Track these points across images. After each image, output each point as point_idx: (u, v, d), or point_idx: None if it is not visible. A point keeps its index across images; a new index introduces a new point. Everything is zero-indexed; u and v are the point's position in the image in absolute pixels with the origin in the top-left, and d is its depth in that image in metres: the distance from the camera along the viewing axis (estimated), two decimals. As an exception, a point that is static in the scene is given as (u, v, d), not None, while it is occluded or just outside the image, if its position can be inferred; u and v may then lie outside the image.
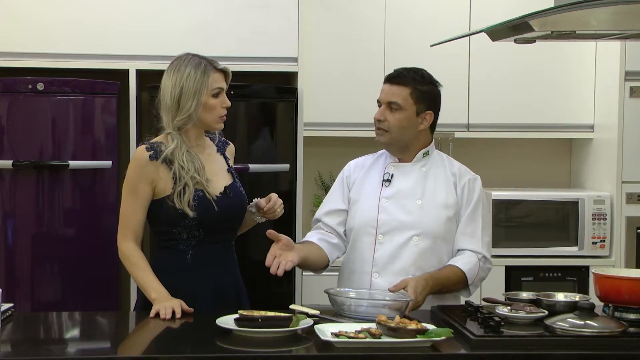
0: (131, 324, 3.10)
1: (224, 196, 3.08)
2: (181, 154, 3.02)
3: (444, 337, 2.52)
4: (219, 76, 3.09)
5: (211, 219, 3.03)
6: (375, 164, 3.34)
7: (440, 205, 3.21)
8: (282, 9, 4.54)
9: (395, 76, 3.27)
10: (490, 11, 4.61)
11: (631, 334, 2.65)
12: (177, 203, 2.98)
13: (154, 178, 3.01)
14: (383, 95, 3.26)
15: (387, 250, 3.17)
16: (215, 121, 3.09)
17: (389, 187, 3.24)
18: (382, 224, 3.20)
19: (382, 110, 3.24)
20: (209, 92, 3.05)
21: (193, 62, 3.06)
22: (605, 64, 4.74)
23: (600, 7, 2.77)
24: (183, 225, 3.02)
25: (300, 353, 2.54)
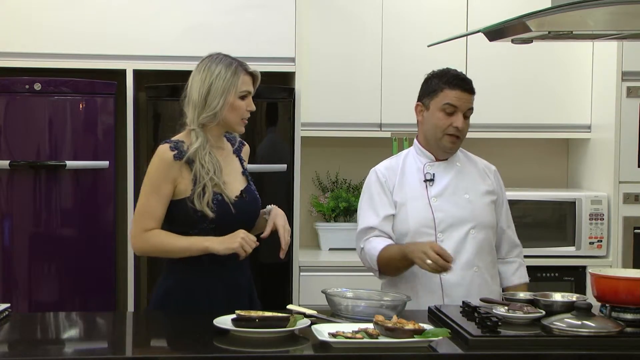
0: (128, 324, 3.10)
1: (240, 200, 3.08)
2: (204, 154, 3.02)
3: (441, 337, 2.52)
4: (248, 79, 3.10)
5: (228, 223, 3.02)
6: (405, 165, 3.34)
7: (484, 195, 3.30)
8: (280, 9, 4.54)
9: (469, 83, 3.28)
10: (487, 12, 4.61)
11: (628, 334, 2.66)
12: (197, 204, 2.98)
13: (176, 178, 3.01)
14: (462, 103, 3.25)
15: (449, 247, 3.18)
16: (237, 123, 3.09)
17: (434, 186, 3.27)
18: (440, 222, 3.23)
19: (462, 119, 3.24)
20: (236, 93, 3.05)
21: (225, 62, 3.07)
22: (602, 65, 4.74)
23: (598, 8, 2.77)
24: (201, 228, 3.01)
25: (298, 353, 2.54)
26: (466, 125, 3.27)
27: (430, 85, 3.32)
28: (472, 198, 3.28)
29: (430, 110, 3.28)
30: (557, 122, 4.89)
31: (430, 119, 3.28)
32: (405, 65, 4.81)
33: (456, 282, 3.16)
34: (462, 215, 3.24)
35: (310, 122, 4.71)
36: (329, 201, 4.96)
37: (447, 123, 3.24)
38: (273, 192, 4.52)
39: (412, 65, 4.81)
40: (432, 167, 3.31)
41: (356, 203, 4.91)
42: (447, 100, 3.23)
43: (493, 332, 2.60)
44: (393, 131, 4.85)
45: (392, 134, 4.87)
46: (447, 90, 3.24)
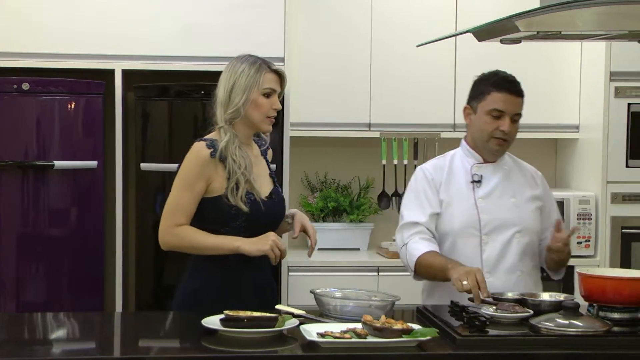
0: (116, 325, 3.09)
1: (270, 200, 3.11)
2: (234, 148, 3.05)
3: (429, 337, 2.52)
4: (273, 77, 3.11)
5: (259, 223, 3.05)
6: (452, 165, 3.32)
7: (529, 200, 3.28)
8: (269, 10, 4.53)
9: (517, 86, 3.25)
10: (476, 12, 4.62)
11: (615, 333, 2.67)
12: (231, 199, 3.00)
13: (211, 176, 3.03)
14: (510, 107, 3.21)
15: (494, 249, 3.19)
16: (262, 120, 3.11)
17: (481, 188, 3.25)
18: (485, 225, 3.22)
19: (509, 123, 3.21)
20: (259, 90, 3.07)
21: (249, 60, 3.11)
22: (591, 65, 4.76)
23: (586, 8, 2.78)
24: (232, 226, 3.03)
25: (286, 353, 2.54)
26: (514, 129, 3.22)
27: (478, 88, 3.28)
28: (518, 202, 3.25)
29: (478, 114, 3.25)
30: (546, 122, 4.90)
31: (477, 122, 3.25)
32: (395, 66, 4.81)
33: (500, 286, 3.11)
34: (507, 218, 3.22)
35: (299, 122, 4.71)
36: (318, 201, 4.96)
37: (494, 127, 3.20)
38: (262, 192, 4.51)
39: (401, 66, 4.83)
40: (480, 169, 3.28)
41: (345, 203, 4.94)
42: (493, 105, 3.19)
43: (481, 332, 2.61)
44: (382, 131, 4.86)
45: (381, 134, 4.87)
46: (494, 93, 3.21)
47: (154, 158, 4.46)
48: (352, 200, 5.02)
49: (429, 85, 4.85)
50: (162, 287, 4.50)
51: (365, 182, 5.08)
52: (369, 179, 5.09)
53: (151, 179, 4.48)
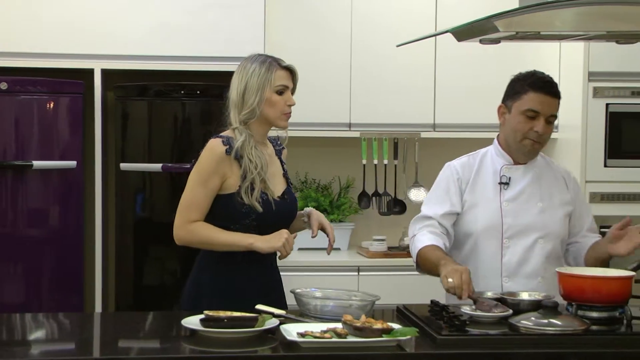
0: (95, 325, 3.08)
1: (282, 200, 3.12)
2: (250, 148, 3.06)
3: (409, 337, 2.53)
4: (284, 74, 3.13)
5: (270, 222, 3.06)
6: (482, 165, 3.30)
7: (558, 206, 3.23)
8: (249, 9, 4.53)
9: (554, 87, 3.19)
10: (456, 13, 4.63)
11: (594, 332, 2.68)
12: (246, 199, 3.01)
13: (226, 172, 3.04)
14: (545, 109, 3.16)
15: (515, 254, 3.17)
16: (278, 117, 3.12)
17: (508, 190, 3.22)
18: (508, 228, 3.19)
19: (543, 124, 3.16)
20: (272, 88, 3.09)
21: (259, 60, 3.13)
22: (569, 65, 4.78)
23: (564, 8, 2.80)
24: (243, 223, 3.04)
25: (266, 353, 2.54)
26: (549, 130, 3.18)
27: (513, 88, 3.24)
28: (545, 207, 3.21)
29: (512, 113, 3.22)
30: (525, 122, 4.92)
31: (511, 121, 3.22)
32: (375, 66, 4.82)
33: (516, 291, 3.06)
34: (531, 223, 3.19)
35: (279, 122, 4.70)
36: (298, 201, 4.95)
37: (528, 127, 3.17)
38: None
39: (382, 66, 4.83)
40: (510, 171, 3.25)
41: (325, 203, 4.94)
42: (529, 105, 3.16)
43: (461, 331, 2.61)
44: (362, 131, 4.86)
45: (361, 134, 4.88)
46: (530, 92, 3.17)
47: (133, 158, 4.45)
48: (333, 200, 5.02)
49: (409, 85, 4.86)
50: (142, 288, 4.49)
51: (346, 182, 5.09)
52: (349, 179, 5.09)
53: (131, 178, 4.47)
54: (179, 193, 4.48)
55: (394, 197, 5.04)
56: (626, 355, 2.58)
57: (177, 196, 4.48)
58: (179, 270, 4.52)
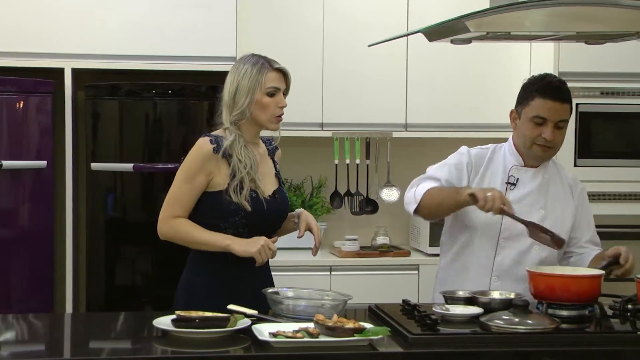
0: (66, 326, 3.06)
1: (273, 199, 3.12)
2: (239, 148, 3.06)
3: (381, 336, 2.53)
4: (275, 75, 3.12)
5: (260, 220, 3.07)
6: (493, 159, 3.26)
7: (560, 215, 3.21)
8: (221, 8, 4.52)
9: (562, 93, 3.15)
10: (427, 12, 4.65)
11: (564, 330, 2.71)
12: (234, 197, 3.02)
13: (213, 171, 3.05)
14: (554, 115, 3.13)
15: (509, 255, 3.15)
16: (269, 120, 3.12)
17: (514, 191, 3.19)
18: (506, 229, 3.18)
19: (552, 130, 3.13)
20: (262, 90, 3.09)
21: (251, 61, 3.13)
22: (540, 65, 4.81)
23: (534, 9, 2.82)
24: (232, 221, 3.04)
25: (238, 353, 2.53)
26: (559, 135, 3.16)
27: (524, 93, 3.21)
28: (547, 214, 3.19)
29: (522, 120, 3.19)
30: (497, 121, 4.93)
31: (521, 128, 3.20)
32: (347, 65, 4.83)
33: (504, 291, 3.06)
34: None
35: (251, 122, 4.69)
36: (271, 201, 4.95)
37: (536, 134, 3.14)
38: (214, 191, 4.50)
39: (354, 65, 4.84)
40: (519, 172, 3.22)
41: (297, 202, 4.93)
42: (536, 112, 3.13)
43: (432, 330, 2.63)
44: (334, 131, 4.87)
45: (333, 134, 4.88)
46: (538, 99, 3.14)
47: (104, 157, 4.42)
48: (305, 199, 5.02)
49: (381, 85, 4.87)
50: (113, 288, 4.46)
51: (318, 182, 5.09)
52: (322, 179, 5.09)
53: (102, 178, 4.45)
54: (151, 193, 4.52)
55: (366, 197, 5.05)
56: (595, 353, 2.60)
57: (148, 196, 4.52)
58: (151, 270, 4.50)
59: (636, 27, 2.91)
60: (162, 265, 4.48)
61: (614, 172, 4.71)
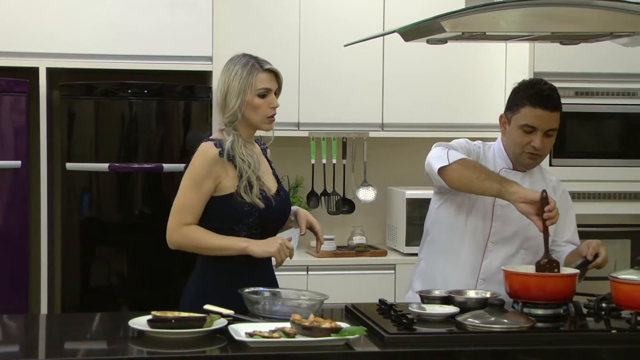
0: (41, 327, 3.04)
1: (279, 197, 3.13)
2: (240, 147, 3.06)
3: (357, 335, 2.54)
4: (266, 76, 3.11)
5: (271, 218, 3.08)
6: (485, 158, 3.24)
7: None
8: (197, 8, 4.50)
9: (552, 102, 3.12)
10: (403, 12, 4.66)
11: (539, 329, 2.72)
12: (247, 197, 3.01)
13: (220, 175, 3.03)
14: (543, 123, 3.10)
15: (496, 259, 3.14)
16: (262, 121, 3.12)
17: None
18: (495, 233, 3.17)
19: (541, 138, 3.11)
20: (253, 91, 3.08)
21: (242, 62, 3.11)
22: (515, 65, 4.84)
23: (510, 9, 2.84)
24: (246, 222, 3.03)
25: (215, 353, 2.53)
26: (548, 143, 3.13)
27: (513, 99, 3.18)
28: None
29: (511, 126, 3.17)
30: (473, 121, 4.97)
31: (510, 134, 3.17)
32: (323, 65, 4.83)
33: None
34: (518, 233, 3.16)
35: (227, 122, 4.68)
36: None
37: (525, 141, 3.12)
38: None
39: (330, 65, 4.84)
40: (508, 174, 3.18)
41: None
42: (526, 120, 3.11)
43: (408, 330, 2.63)
44: (311, 130, 4.87)
45: (309, 134, 4.88)
46: (528, 107, 3.11)
47: (80, 157, 4.40)
48: (281, 199, 5.01)
49: (357, 85, 4.88)
50: (89, 289, 4.44)
51: (295, 182, 5.09)
52: (298, 178, 5.09)
53: (77, 178, 4.42)
54: (126, 193, 4.50)
55: (342, 197, 5.05)
56: (570, 352, 2.62)
57: (124, 196, 4.51)
58: (126, 270, 4.48)
59: (610, 28, 2.93)
60: (138, 265, 4.47)
61: (588, 171, 4.75)
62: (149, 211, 4.48)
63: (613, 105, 4.77)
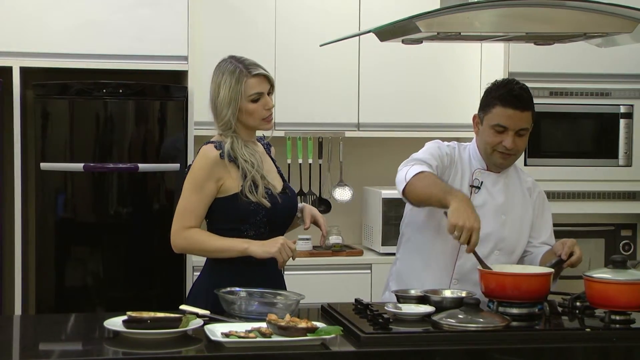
0: (15, 328, 3.02)
1: (284, 195, 3.13)
2: (240, 147, 3.05)
3: (333, 335, 2.54)
4: (256, 81, 3.08)
5: (278, 216, 3.07)
6: (461, 159, 3.23)
7: (519, 220, 3.21)
8: (172, 8, 4.49)
9: (522, 102, 3.12)
10: (379, 13, 4.67)
11: (514, 328, 2.73)
12: (252, 197, 3.00)
13: (222, 176, 3.02)
14: (515, 123, 3.11)
15: (470, 260, 3.11)
16: (259, 124, 3.12)
17: (478, 195, 3.18)
18: None
19: (513, 138, 3.11)
20: (245, 99, 3.06)
21: (229, 69, 3.08)
22: (490, 65, 4.86)
23: (484, 10, 2.85)
24: (253, 222, 3.03)
25: (190, 354, 2.53)
26: (521, 142, 3.14)
27: (485, 100, 3.19)
28: (507, 220, 3.19)
29: (483, 126, 3.18)
30: (449, 121, 4.99)
31: (482, 134, 3.18)
32: (299, 65, 4.83)
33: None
34: (492, 234, 3.16)
35: (203, 121, 4.63)
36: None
37: (497, 141, 3.13)
38: (166, 191, 4.47)
39: (306, 65, 4.84)
40: (482, 175, 3.21)
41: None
42: (497, 120, 3.11)
43: (384, 329, 2.63)
44: (287, 130, 4.87)
45: (286, 133, 4.88)
46: (498, 107, 3.11)
47: (54, 157, 4.37)
48: (257, 199, 5.01)
49: (333, 85, 4.88)
50: (64, 289, 4.41)
51: (271, 181, 5.08)
52: (274, 178, 5.08)
53: (52, 178, 4.39)
54: (101, 193, 4.48)
55: (319, 196, 5.05)
56: (545, 350, 2.63)
57: (99, 196, 4.48)
58: (102, 271, 4.46)
59: (584, 29, 2.95)
60: (113, 266, 4.44)
61: (563, 171, 4.78)
62: (125, 211, 4.46)
63: (587, 105, 4.80)
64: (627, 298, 2.76)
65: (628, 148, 4.81)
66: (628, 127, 4.81)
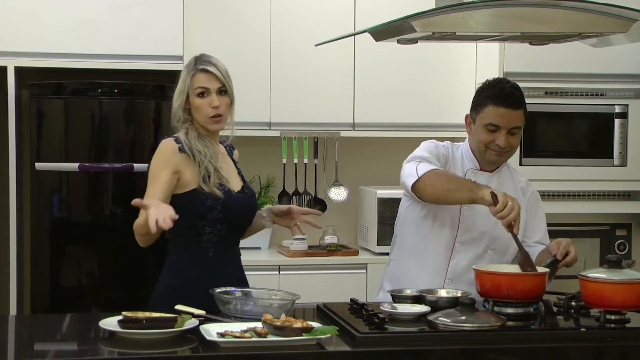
0: (10, 329, 3.01)
1: (243, 194, 3.14)
2: (193, 138, 3.07)
3: (329, 335, 2.54)
4: (203, 76, 3.10)
5: (234, 213, 3.09)
6: (454, 158, 3.25)
7: None
8: (167, 7, 4.49)
9: (514, 100, 3.13)
10: (374, 13, 4.66)
11: (510, 327, 2.74)
12: (205, 187, 3.02)
13: (179, 168, 3.03)
14: (507, 122, 3.13)
15: (463, 259, 3.14)
16: (205, 122, 3.12)
17: None
18: (463, 233, 3.18)
19: (505, 136, 3.12)
20: (192, 92, 3.09)
21: (188, 63, 3.13)
22: (485, 65, 4.86)
23: (479, 10, 2.85)
24: (209, 218, 3.04)
25: (186, 354, 2.52)
26: (514, 141, 3.16)
27: (477, 99, 3.21)
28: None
29: (476, 125, 3.19)
30: (444, 121, 4.98)
31: (475, 133, 3.20)
32: (294, 65, 4.83)
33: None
34: (485, 233, 3.17)
35: (198, 121, 4.67)
36: (218, 200, 4.93)
37: (490, 139, 3.15)
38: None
39: (301, 65, 4.84)
40: (475, 175, 3.21)
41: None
42: (489, 119, 3.13)
43: (380, 329, 2.64)
44: (282, 130, 4.87)
45: (281, 133, 4.88)
46: (490, 106, 3.13)
47: (49, 157, 4.37)
48: (253, 199, 5.01)
49: (328, 84, 4.88)
50: (59, 289, 4.41)
51: (266, 181, 5.08)
52: (270, 178, 5.09)
53: (47, 178, 4.39)
54: (96, 193, 4.47)
55: (314, 196, 5.05)
56: (540, 350, 2.64)
57: (94, 196, 4.48)
58: (97, 271, 4.45)
59: (578, 29, 2.95)
60: (108, 266, 4.44)
61: (558, 171, 4.79)
62: (120, 211, 4.46)
63: (582, 105, 4.81)
64: (622, 298, 2.77)
65: (623, 148, 4.81)
66: (623, 127, 4.81)
